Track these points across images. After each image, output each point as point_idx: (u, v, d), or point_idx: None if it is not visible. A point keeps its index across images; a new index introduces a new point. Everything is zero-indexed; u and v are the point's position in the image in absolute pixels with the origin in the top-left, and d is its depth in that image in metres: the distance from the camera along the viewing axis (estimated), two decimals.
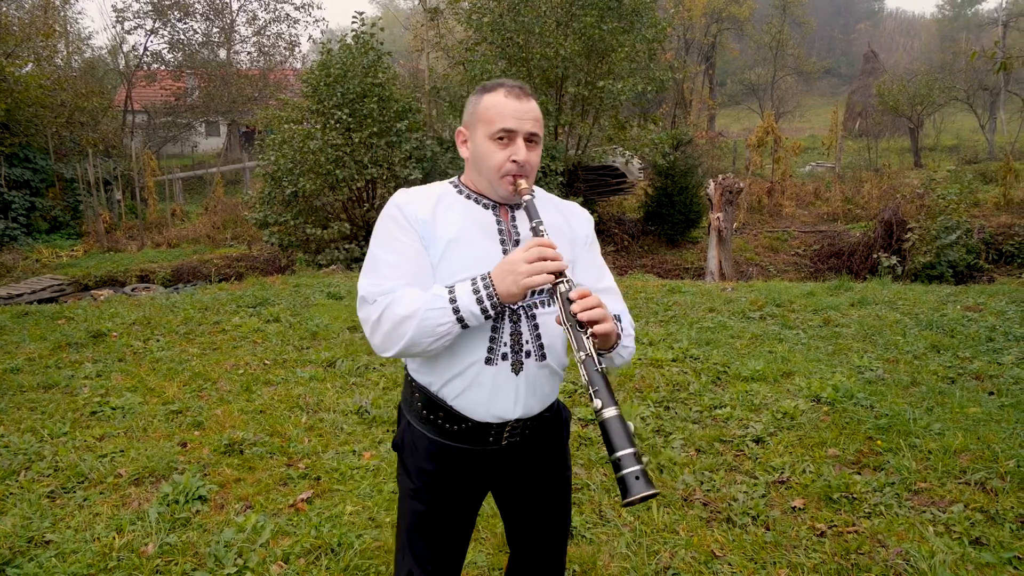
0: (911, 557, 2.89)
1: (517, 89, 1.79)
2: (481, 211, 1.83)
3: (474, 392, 1.76)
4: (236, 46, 31.14)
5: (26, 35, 17.86)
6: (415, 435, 1.87)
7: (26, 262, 15.02)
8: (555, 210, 1.92)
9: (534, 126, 1.78)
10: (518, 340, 1.77)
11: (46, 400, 5.26)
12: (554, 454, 1.98)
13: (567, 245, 1.86)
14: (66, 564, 3.05)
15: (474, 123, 1.81)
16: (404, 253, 1.75)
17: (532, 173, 1.81)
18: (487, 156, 1.78)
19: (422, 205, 1.79)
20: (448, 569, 1.92)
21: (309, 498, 3.62)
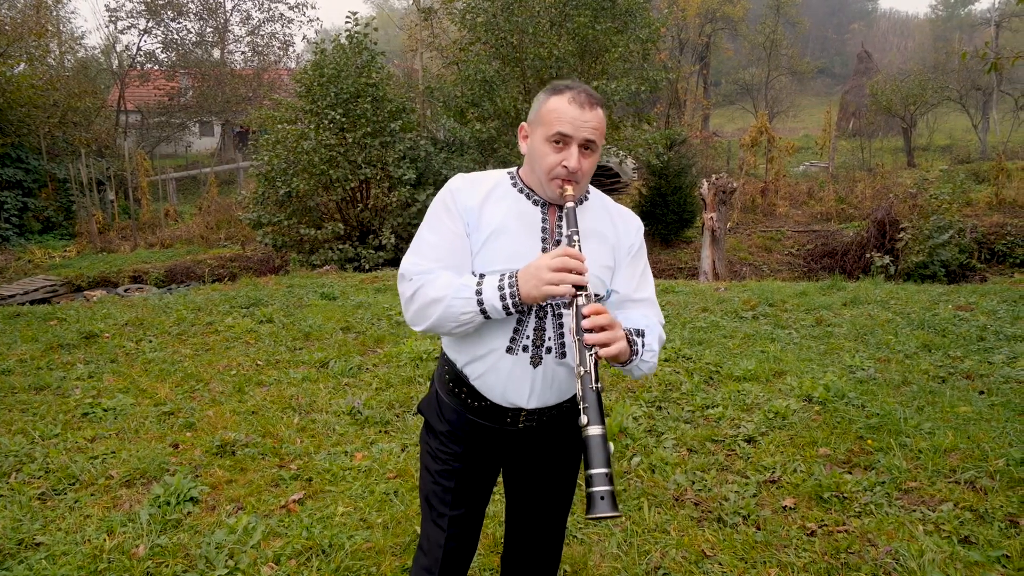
0: (900, 556, 2.90)
1: (583, 95, 1.81)
2: (530, 206, 1.89)
3: (491, 377, 1.86)
4: (230, 46, 31.14)
5: (18, 35, 17.80)
6: (441, 403, 2.00)
7: (18, 263, 14.97)
8: (606, 215, 1.97)
9: (591, 134, 1.80)
10: (541, 335, 1.84)
11: (37, 401, 5.24)
12: (570, 442, 2.04)
13: (608, 251, 1.92)
14: (56, 566, 3.04)
15: (536, 122, 1.86)
16: (446, 236, 1.84)
17: (584, 180, 1.85)
18: (542, 157, 1.82)
19: (473, 193, 1.88)
20: (461, 527, 2.01)
21: (301, 499, 3.62)
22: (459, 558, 2.04)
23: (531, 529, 2.15)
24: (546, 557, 2.20)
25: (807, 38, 58.77)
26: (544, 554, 2.19)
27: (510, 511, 2.17)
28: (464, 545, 2.04)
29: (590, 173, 1.87)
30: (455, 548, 2.01)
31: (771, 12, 31.32)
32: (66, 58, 25.72)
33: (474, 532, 2.08)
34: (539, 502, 2.11)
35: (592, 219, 1.92)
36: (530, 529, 2.15)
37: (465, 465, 1.99)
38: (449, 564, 2.01)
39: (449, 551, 2.00)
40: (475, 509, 2.05)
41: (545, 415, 1.94)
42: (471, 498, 2.02)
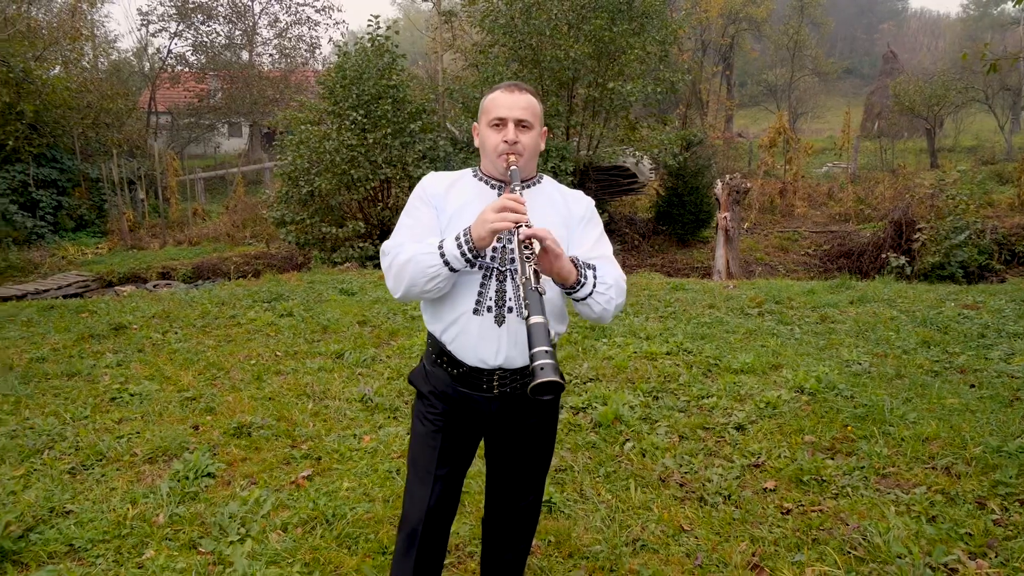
0: (868, 533, 3.07)
1: (512, 85, 2.16)
2: (488, 190, 2.19)
3: (463, 338, 2.10)
4: (258, 48, 31.66)
5: (54, 38, 18.34)
6: (428, 374, 2.24)
7: (53, 259, 15.47)
8: (557, 194, 2.24)
9: (523, 113, 2.11)
10: (502, 296, 2.08)
11: (69, 387, 5.55)
12: (544, 415, 2.27)
13: (560, 222, 2.16)
14: (84, 531, 3.30)
15: (481, 116, 2.19)
16: (418, 218, 2.15)
17: (526, 153, 2.14)
18: (487, 139, 2.14)
19: (440, 183, 2.20)
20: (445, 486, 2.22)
21: (309, 476, 3.86)
22: (441, 517, 2.23)
23: (509, 497, 2.35)
24: (523, 524, 2.40)
25: (834, 38, 58.22)
26: (521, 521, 2.39)
27: (490, 480, 2.38)
28: (446, 504, 2.24)
29: (532, 148, 2.16)
30: (437, 506, 2.20)
31: (795, 13, 31.18)
32: (99, 61, 26.37)
33: (455, 493, 2.27)
34: (516, 472, 2.31)
35: (544, 198, 2.20)
36: (508, 497, 2.35)
37: (449, 425, 2.21)
38: (433, 522, 2.20)
39: (432, 509, 2.19)
40: (457, 470, 2.26)
41: (518, 382, 2.15)
42: (454, 459, 2.23)
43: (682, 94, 21.99)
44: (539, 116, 2.19)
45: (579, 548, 3.06)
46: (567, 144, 13.51)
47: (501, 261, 2.11)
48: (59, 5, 22.98)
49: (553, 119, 13.36)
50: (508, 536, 2.41)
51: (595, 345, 6.12)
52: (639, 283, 9.26)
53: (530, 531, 2.45)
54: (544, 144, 2.30)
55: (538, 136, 2.19)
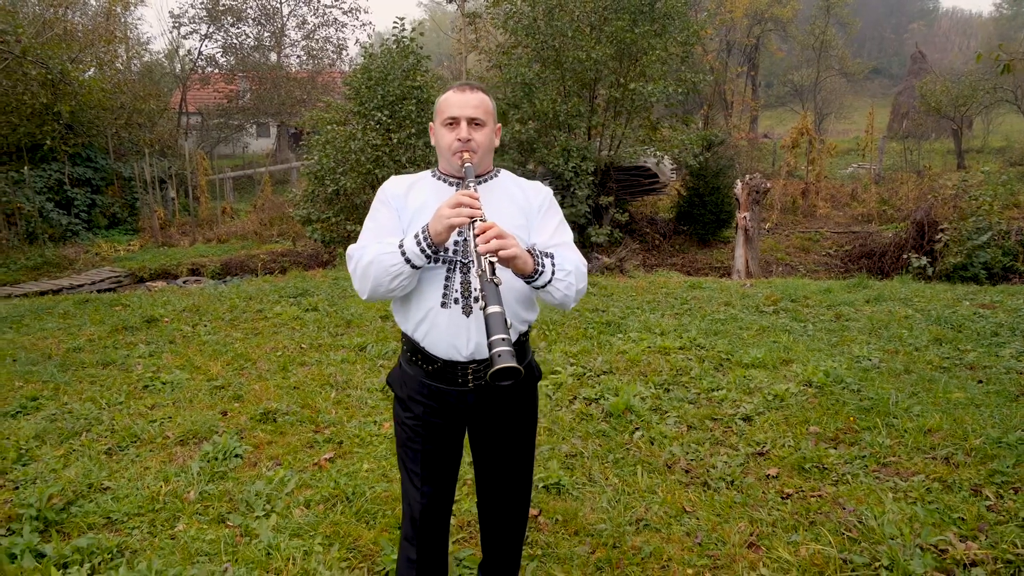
0: (864, 516, 3.19)
1: (463, 85, 2.23)
2: (446, 188, 2.25)
3: (435, 332, 2.16)
4: (286, 50, 32.08)
5: (89, 41, 18.79)
6: (404, 375, 2.30)
7: (87, 255, 15.89)
8: (515, 186, 2.31)
9: (474, 112, 2.17)
10: (467, 288, 2.15)
11: (104, 375, 5.81)
12: (523, 403, 2.34)
13: (519, 212, 2.24)
14: (120, 505, 3.52)
15: (435, 117, 2.25)
16: (379, 220, 2.22)
17: (480, 150, 2.20)
18: (441, 139, 2.21)
19: (399, 185, 2.28)
20: (433, 486, 2.31)
21: (331, 458, 4.06)
22: (435, 514, 2.33)
23: (498, 485, 2.41)
24: (515, 510, 2.46)
25: (863, 38, 57.60)
26: (513, 507, 2.45)
27: (478, 470, 2.43)
28: (440, 500, 2.33)
29: (485, 145, 2.22)
30: (429, 505, 2.31)
31: (821, 13, 30.99)
32: (132, 63, 26.92)
33: (448, 488, 2.36)
34: (502, 460, 2.37)
35: (502, 191, 2.27)
36: (497, 485, 2.41)
37: (429, 428, 2.26)
38: (427, 520, 2.32)
39: (425, 508, 2.31)
40: (446, 468, 2.33)
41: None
42: (440, 458, 2.30)
43: (706, 95, 22.00)
44: (491, 113, 2.25)
45: (585, 526, 3.22)
46: (588, 144, 13.64)
47: (464, 254, 2.16)
48: (94, 9, 23.54)
49: (574, 119, 13.50)
50: (502, 523, 2.47)
51: (610, 340, 6.26)
52: (657, 281, 9.37)
53: (522, 516, 2.50)
54: (499, 140, 2.36)
55: (492, 133, 2.26)
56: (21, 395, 5.25)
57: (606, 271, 10.12)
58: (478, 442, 2.37)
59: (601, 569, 2.90)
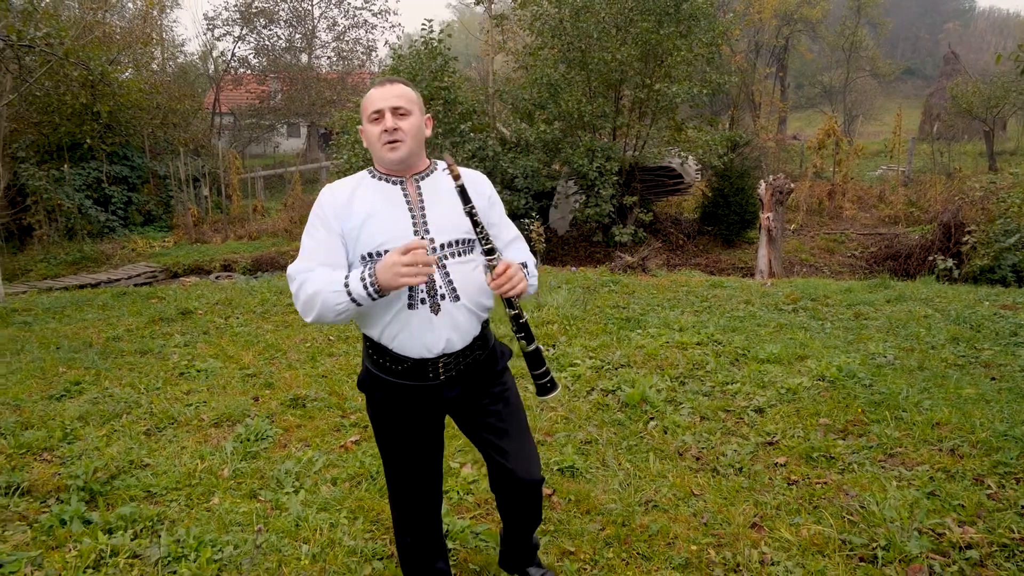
0: (866, 502, 3.30)
1: (383, 80, 2.26)
2: (390, 188, 2.24)
3: (405, 333, 2.18)
4: (317, 51, 32.55)
5: (127, 43, 19.30)
6: (373, 377, 2.31)
7: (123, 251, 16.36)
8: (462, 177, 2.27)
9: (397, 101, 2.19)
10: (432, 287, 2.17)
11: (142, 363, 6.08)
12: (491, 380, 2.38)
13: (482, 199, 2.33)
14: (159, 480, 3.75)
15: (361, 117, 2.28)
16: (320, 240, 2.18)
17: (408, 139, 2.19)
18: (370, 134, 2.22)
19: (339, 195, 2.23)
20: (419, 481, 2.39)
21: (357, 441, 4.26)
22: (422, 507, 2.42)
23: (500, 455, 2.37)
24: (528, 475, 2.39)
25: (896, 38, 56.85)
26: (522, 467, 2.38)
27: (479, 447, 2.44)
28: (423, 495, 2.41)
29: (414, 133, 2.21)
30: (414, 499, 2.40)
31: (852, 13, 30.73)
32: (168, 64, 27.53)
33: (432, 483, 2.42)
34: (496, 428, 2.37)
35: (446, 183, 2.27)
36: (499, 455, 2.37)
37: (403, 426, 2.31)
38: (413, 514, 2.42)
39: (410, 503, 2.40)
40: (427, 460, 2.38)
41: (460, 363, 2.26)
42: (420, 452, 2.35)
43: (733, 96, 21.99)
44: (416, 103, 2.24)
45: (596, 506, 3.38)
46: (613, 145, 13.76)
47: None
48: (132, 12, 24.12)
49: (599, 120, 13.63)
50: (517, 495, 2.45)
51: (629, 335, 6.40)
52: (678, 280, 9.48)
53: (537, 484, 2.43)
54: (430, 131, 2.35)
55: (420, 122, 2.25)
56: (65, 380, 5.53)
57: (628, 270, 10.24)
58: (464, 422, 2.42)
59: (610, 544, 3.05)
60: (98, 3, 16.70)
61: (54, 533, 3.16)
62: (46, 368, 5.88)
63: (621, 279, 9.35)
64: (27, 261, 15.54)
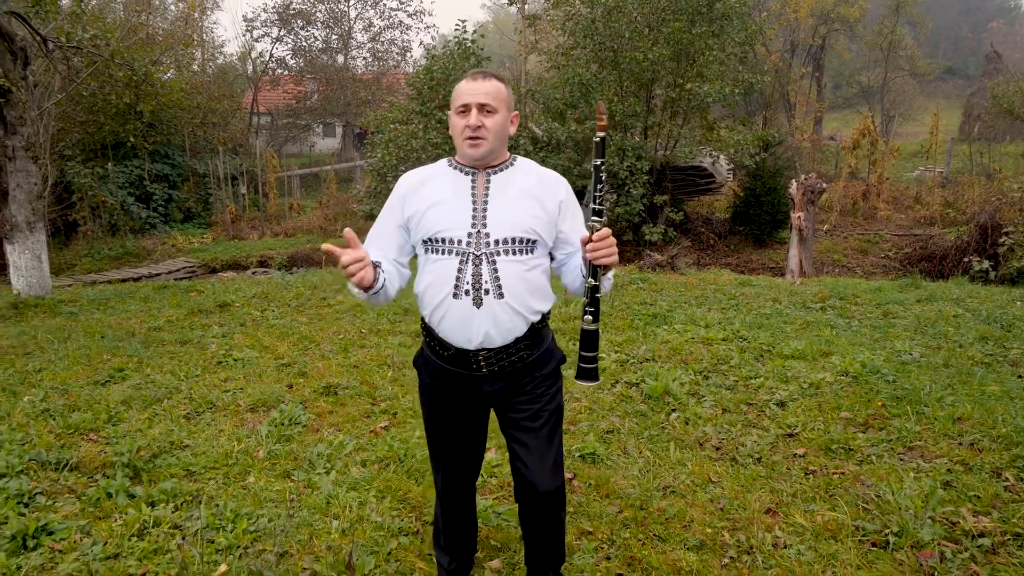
0: (882, 491, 3.36)
1: (476, 73, 2.28)
2: (461, 176, 2.30)
3: (447, 321, 2.25)
4: (353, 52, 33.01)
5: (169, 44, 19.82)
6: (425, 358, 2.43)
7: (163, 247, 16.81)
8: (532, 175, 2.33)
9: (485, 98, 2.20)
10: (478, 280, 2.21)
11: (182, 352, 6.30)
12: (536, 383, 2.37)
13: (536, 203, 2.27)
14: (198, 459, 3.93)
15: (451, 106, 2.31)
16: (381, 224, 2.39)
17: (490, 136, 2.23)
18: (454, 127, 2.28)
19: (413, 180, 2.37)
20: (459, 463, 2.49)
21: (386, 426, 4.41)
22: (462, 487, 2.53)
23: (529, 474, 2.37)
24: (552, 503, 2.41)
25: (937, 38, 55.76)
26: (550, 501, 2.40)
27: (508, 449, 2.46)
28: (465, 477, 2.52)
29: (496, 131, 2.23)
30: (457, 480, 2.50)
31: (890, 12, 30.26)
32: (208, 65, 28.11)
33: (474, 465, 2.53)
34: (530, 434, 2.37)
35: (520, 180, 2.29)
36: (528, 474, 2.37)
37: (450, 408, 2.39)
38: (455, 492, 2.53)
39: (451, 483, 2.50)
40: (470, 446, 2.48)
41: (504, 360, 2.28)
42: (463, 437, 2.44)
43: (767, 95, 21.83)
44: (505, 100, 2.25)
45: (615, 490, 3.48)
46: (644, 144, 13.80)
47: (476, 246, 2.21)
48: (174, 13, 24.72)
49: (631, 119, 13.67)
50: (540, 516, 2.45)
51: (655, 331, 6.48)
52: (707, 278, 9.50)
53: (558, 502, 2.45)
54: (515, 128, 2.36)
55: (505, 120, 2.26)
56: (109, 367, 5.77)
57: (657, 268, 10.29)
58: (505, 420, 2.44)
59: (627, 526, 3.15)
60: (142, 5, 17.16)
61: (101, 505, 3.35)
62: (92, 355, 6.13)
63: (650, 277, 9.40)
64: (72, 256, 16.04)
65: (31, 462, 3.75)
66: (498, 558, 2.93)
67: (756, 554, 2.93)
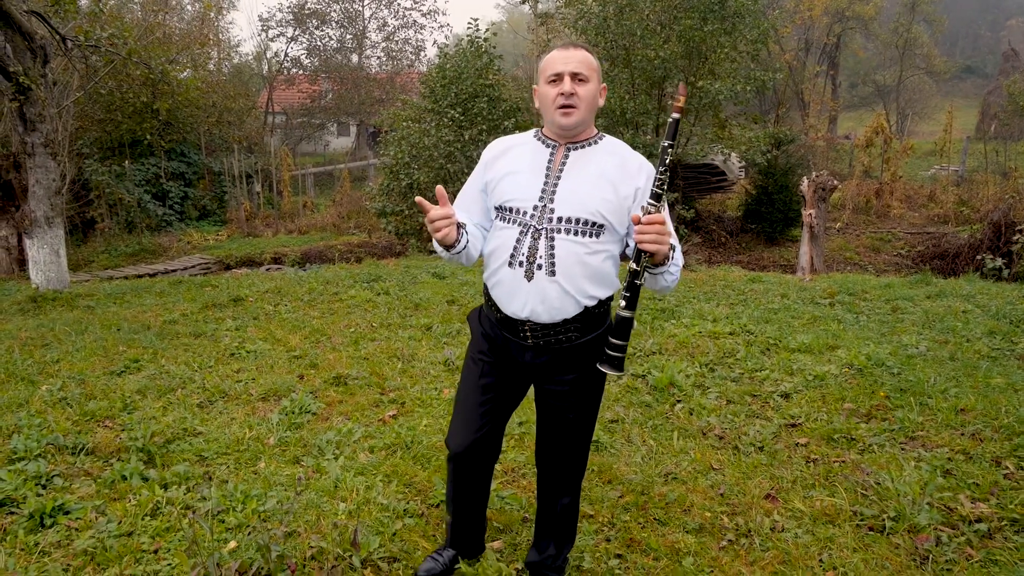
0: (881, 479, 3.40)
1: (567, 43, 2.27)
2: (542, 148, 2.31)
3: (500, 288, 2.29)
4: (367, 51, 33.17)
5: (185, 44, 20.04)
6: (483, 314, 2.47)
7: (179, 244, 17.01)
8: (615, 158, 2.28)
9: (578, 67, 2.19)
10: (533, 254, 2.20)
11: (196, 344, 6.41)
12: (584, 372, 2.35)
13: (610, 188, 2.22)
14: (210, 445, 4.02)
15: (539, 78, 2.30)
16: (467, 188, 2.45)
17: (583, 105, 2.21)
18: (545, 96, 2.24)
19: (498, 147, 2.42)
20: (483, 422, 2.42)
21: (394, 415, 4.48)
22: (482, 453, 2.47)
23: (553, 451, 2.50)
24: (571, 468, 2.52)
25: (955, 36, 55.36)
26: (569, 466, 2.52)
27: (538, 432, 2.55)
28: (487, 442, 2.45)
29: (588, 101, 2.22)
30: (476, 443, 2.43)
31: (906, 10, 30.09)
32: (224, 64, 28.37)
33: (497, 431, 2.48)
34: (557, 426, 2.44)
35: (600, 160, 2.26)
36: (553, 451, 2.50)
37: (495, 366, 2.40)
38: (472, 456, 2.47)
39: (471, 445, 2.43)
40: (499, 410, 2.45)
41: (551, 337, 2.27)
42: (497, 399, 2.42)
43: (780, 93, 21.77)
44: (596, 70, 2.24)
45: (618, 476, 3.53)
46: (655, 142, 13.82)
47: (539, 220, 2.21)
48: (190, 13, 24.96)
49: (642, 117, 13.70)
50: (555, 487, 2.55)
51: (664, 325, 6.52)
52: (717, 275, 9.53)
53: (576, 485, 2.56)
54: (603, 100, 2.33)
55: (596, 90, 2.24)
56: (125, 357, 5.88)
57: None
58: (540, 400, 2.46)
59: (628, 510, 3.21)
60: (159, 5, 17.37)
61: (115, 487, 3.44)
62: (108, 347, 6.25)
63: None
64: (90, 252, 16.27)
65: (48, 446, 3.85)
66: (500, 539, 3.00)
67: (754, 537, 2.98)
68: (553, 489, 2.56)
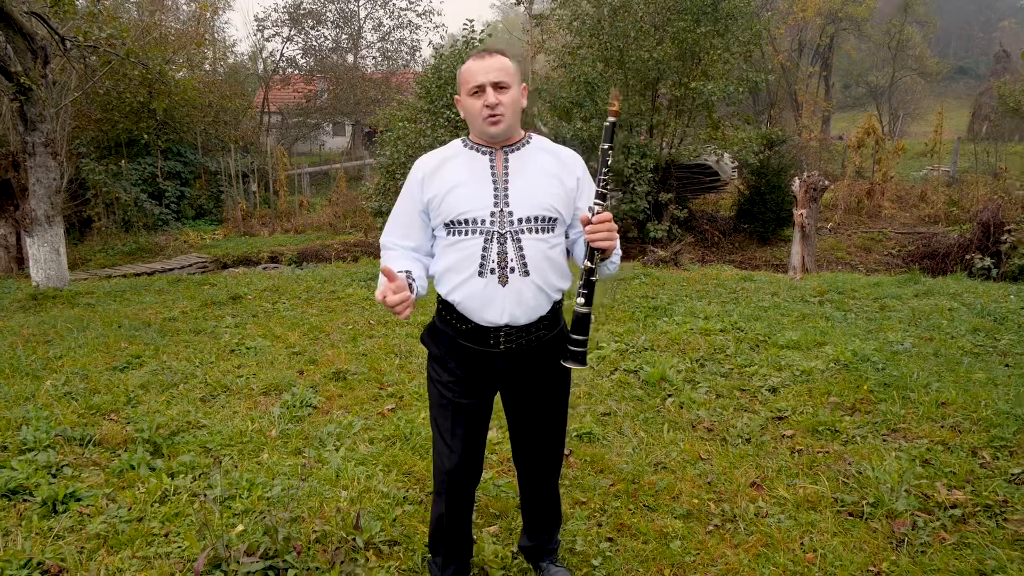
0: (862, 468, 3.53)
1: (482, 52, 2.25)
2: (479, 158, 2.29)
3: (471, 299, 2.24)
4: (362, 51, 33.26)
5: (181, 44, 20.11)
6: (437, 331, 2.40)
7: (176, 243, 17.09)
8: (547, 152, 2.34)
9: (498, 75, 2.19)
10: (504, 258, 2.21)
11: (197, 341, 6.52)
12: (556, 373, 2.40)
13: (555, 181, 2.28)
14: (214, 438, 4.13)
15: (460, 88, 2.29)
16: (400, 212, 2.37)
17: (508, 112, 2.22)
18: (470, 108, 2.25)
19: (430, 163, 2.33)
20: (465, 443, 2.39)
21: (393, 408, 4.60)
22: (466, 471, 2.43)
23: (530, 452, 2.54)
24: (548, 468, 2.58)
25: (948, 36, 55.67)
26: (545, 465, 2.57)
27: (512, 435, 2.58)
28: (469, 460, 2.42)
29: (512, 107, 2.23)
30: (461, 463, 2.39)
31: (898, 12, 30.30)
32: (220, 64, 28.43)
33: (478, 448, 2.44)
34: (533, 426, 2.47)
35: (537, 158, 2.30)
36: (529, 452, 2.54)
37: (461, 384, 2.33)
38: (455, 481, 2.42)
39: (456, 466, 2.38)
40: (475, 427, 2.40)
41: (523, 339, 2.28)
42: (470, 417, 2.37)
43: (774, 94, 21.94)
44: (514, 74, 2.24)
45: (609, 466, 3.66)
46: (648, 142, 13.97)
47: (501, 224, 2.21)
48: (186, 14, 25.03)
49: (636, 117, 13.85)
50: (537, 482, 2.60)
51: (656, 322, 6.66)
52: (709, 274, 9.68)
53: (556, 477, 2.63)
54: (526, 101, 2.34)
55: (518, 94, 2.26)
56: (127, 354, 5.99)
57: (660, 264, 10.46)
58: (510, 403, 2.47)
59: (618, 497, 3.34)
60: (155, 5, 17.44)
61: (124, 476, 3.56)
62: (109, 343, 6.36)
63: (653, 272, 9.58)
64: (87, 251, 16.34)
65: (57, 437, 3.97)
66: (496, 524, 3.13)
67: (739, 522, 3.11)
68: (535, 484, 2.62)
